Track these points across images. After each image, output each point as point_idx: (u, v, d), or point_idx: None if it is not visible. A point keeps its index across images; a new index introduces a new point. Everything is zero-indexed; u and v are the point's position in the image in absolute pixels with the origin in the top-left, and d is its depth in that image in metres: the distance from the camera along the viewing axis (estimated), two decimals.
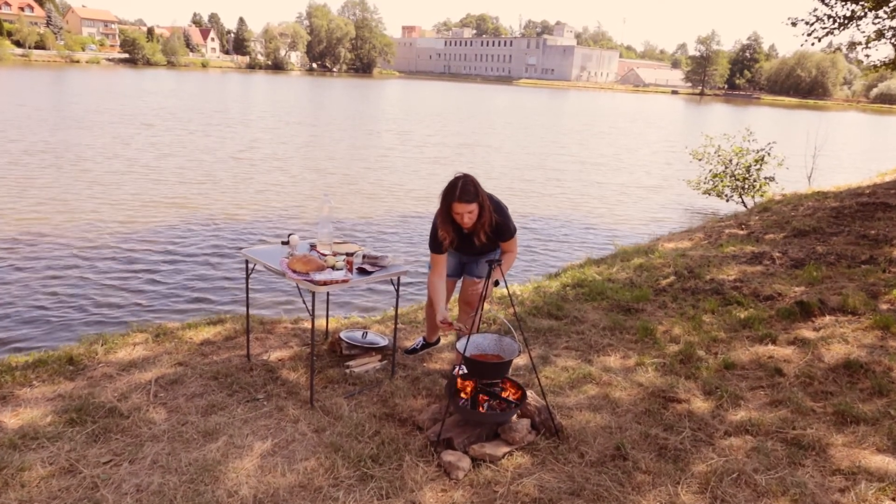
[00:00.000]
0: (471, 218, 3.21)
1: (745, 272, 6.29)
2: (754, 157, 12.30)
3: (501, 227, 3.37)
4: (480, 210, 3.23)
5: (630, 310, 5.27)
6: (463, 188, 3.16)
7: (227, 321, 4.64)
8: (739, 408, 3.50)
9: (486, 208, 3.24)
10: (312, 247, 3.83)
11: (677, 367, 4.06)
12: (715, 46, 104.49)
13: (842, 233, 7.88)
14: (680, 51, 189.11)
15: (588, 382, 3.86)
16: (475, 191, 3.18)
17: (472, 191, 3.17)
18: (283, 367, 3.86)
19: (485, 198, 3.25)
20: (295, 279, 3.26)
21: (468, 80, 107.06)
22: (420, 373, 3.92)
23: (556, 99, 59.85)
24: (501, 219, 3.36)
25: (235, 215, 9.68)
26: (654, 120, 38.82)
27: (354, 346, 4.02)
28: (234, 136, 18.91)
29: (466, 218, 3.20)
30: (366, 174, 13.93)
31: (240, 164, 14.20)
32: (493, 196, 3.38)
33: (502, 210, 3.40)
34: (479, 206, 3.21)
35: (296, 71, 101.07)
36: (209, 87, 43.71)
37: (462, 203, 3.16)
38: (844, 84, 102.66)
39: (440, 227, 3.32)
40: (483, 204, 3.22)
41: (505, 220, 3.39)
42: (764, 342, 4.39)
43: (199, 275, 6.87)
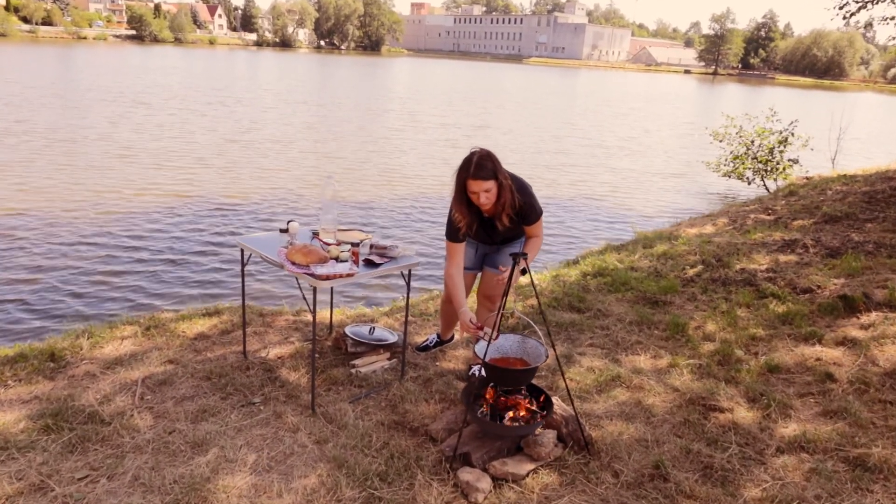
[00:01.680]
0: (488, 198, 2.84)
1: (777, 261, 5.89)
2: (777, 137, 11.79)
3: (526, 208, 2.97)
4: (500, 189, 2.85)
5: (657, 302, 4.90)
6: (478, 164, 2.79)
7: (224, 313, 4.30)
8: (790, 419, 3.13)
9: (505, 187, 2.86)
10: (314, 234, 3.47)
11: (715, 369, 3.69)
12: (730, 25, 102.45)
13: (876, 219, 7.44)
14: (693, 29, 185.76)
15: (617, 386, 3.50)
16: (493, 167, 2.81)
17: (488, 167, 2.80)
18: (282, 367, 3.53)
19: (504, 175, 2.86)
20: (294, 272, 2.91)
21: (477, 59, 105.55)
22: (433, 373, 3.58)
23: (567, 78, 58.81)
24: (525, 199, 2.98)
25: (233, 200, 9.21)
26: (669, 100, 37.99)
27: (361, 342, 3.68)
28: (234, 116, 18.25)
29: (483, 198, 2.84)
30: (373, 157, 13.33)
31: (239, 146, 13.60)
32: (514, 175, 2.99)
33: (526, 189, 3.00)
34: (498, 184, 2.83)
35: (304, 48, 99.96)
36: (215, 65, 43.09)
37: (477, 180, 2.79)
38: (861, 64, 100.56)
39: (455, 210, 2.95)
40: (502, 182, 2.84)
41: (530, 201, 2.99)
42: (809, 341, 4.01)
43: (196, 262, 6.50)
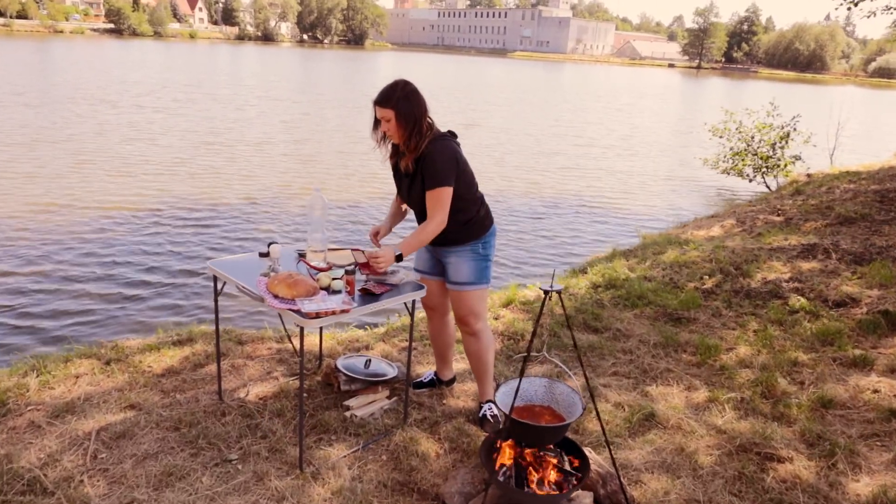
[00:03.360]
0: (388, 129, 2.65)
1: (799, 269, 5.48)
2: (778, 133, 11.42)
3: (429, 162, 2.64)
4: (399, 122, 2.61)
5: (679, 319, 4.45)
6: (384, 90, 2.63)
7: (198, 340, 3.77)
8: (860, 470, 2.69)
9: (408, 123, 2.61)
10: (300, 257, 2.96)
11: (759, 403, 3.25)
12: (713, 19, 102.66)
13: (893, 221, 7.07)
14: (676, 23, 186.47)
15: (653, 427, 3.04)
16: (395, 96, 2.60)
17: (389, 95, 2.61)
18: (264, 410, 3.02)
19: (413, 113, 2.61)
20: (277, 308, 2.40)
21: (462, 53, 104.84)
22: (440, 415, 3.09)
23: (553, 72, 58.40)
24: (433, 154, 2.64)
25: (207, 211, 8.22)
26: (659, 95, 37.74)
27: (356, 379, 3.18)
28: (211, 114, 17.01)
29: (384, 126, 2.66)
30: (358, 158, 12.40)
31: (215, 148, 12.42)
32: (445, 135, 2.73)
33: (443, 149, 2.66)
34: (397, 115, 2.60)
35: (286, 42, 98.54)
36: (194, 60, 42.01)
37: (377, 106, 2.63)
38: (842, 58, 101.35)
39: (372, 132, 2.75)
40: (402, 114, 2.60)
41: (434, 158, 2.64)
42: (859, 368, 3.59)
43: (166, 280, 5.81)
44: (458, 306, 2.91)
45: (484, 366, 3.04)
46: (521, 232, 8.16)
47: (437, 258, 2.98)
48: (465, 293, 2.86)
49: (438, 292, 3.03)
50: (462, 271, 2.84)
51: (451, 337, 3.24)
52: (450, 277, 2.89)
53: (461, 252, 2.85)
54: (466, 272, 2.84)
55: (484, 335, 2.97)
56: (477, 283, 2.87)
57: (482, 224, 2.87)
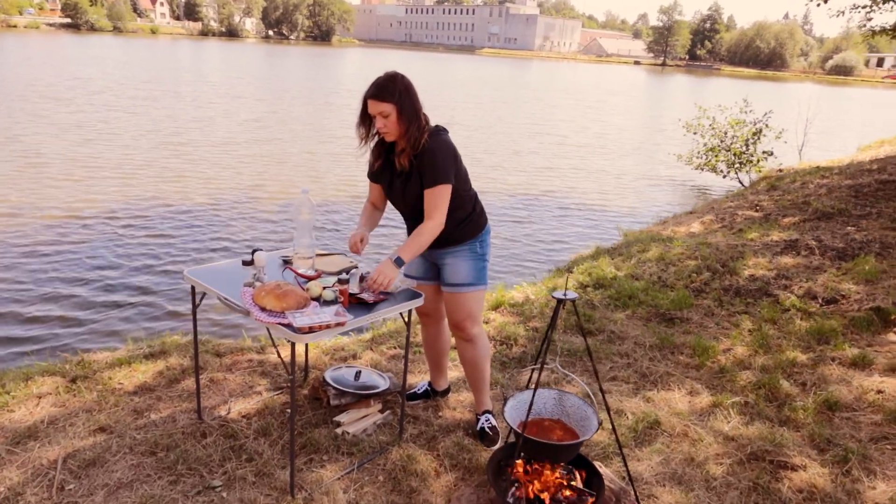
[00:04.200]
0: (386, 126, 2.44)
1: (785, 266, 5.45)
2: (751, 129, 11.52)
3: (429, 158, 2.47)
4: (400, 117, 2.42)
5: (672, 319, 4.36)
6: (379, 83, 2.43)
7: (172, 352, 3.52)
8: (875, 476, 2.61)
9: (409, 117, 2.43)
10: (286, 263, 2.75)
11: (764, 407, 3.15)
12: (677, 17, 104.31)
13: (870, 215, 7.13)
14: (641, 21, 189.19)
15: (659, 435, 2.92)
16: (395, 88, 2.42)
17: (389, 87, 2.42)
18: (248, 429, 2.80)
19: (414, 107, 2.45)
20: (265, 322, 2.20)
21: (430, 49, 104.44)
22: (437, 428, 2.92)
23: (521, 69, 58.55)
24: (434, 149, 2.47)
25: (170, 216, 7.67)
26: (626, 92, 38.09)
27: (346, 392, 2.98)
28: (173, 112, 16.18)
29: (380, 123, 2.45)
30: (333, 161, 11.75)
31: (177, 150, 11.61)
32: (442, 132, 2.55)
33: (443, 145, 2.50)
34: (398, 109, 2.42)
35: (251, 38, 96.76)
36: (155, 55, 40.85)
37: (374, 100, 2.42)
38: (801, 56, 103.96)
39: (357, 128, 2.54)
40: (405, 110, 2.42)
41: (435, 154, 2.47)
42: (860, 368, 3.53)
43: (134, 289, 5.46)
44: (455, 310, 2.74)
45: (480, 374, 2.88)
46: (502, 232, 8.02)
47: (430, 261, 2.80)
48: (463, 295, 2.69)
49: (433, 298, 2.86)
50: (460, 272, 2.68)
51: (447, 344, 3.07)
52: (446, 279, 2.72)
53: (458, 252, 2.69)
54: (465, 273, 2.68)
55: (480, 341, 2.81)
56: (475, 285, 2.71)
57: (478, 222, 2.71)
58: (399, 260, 2.46)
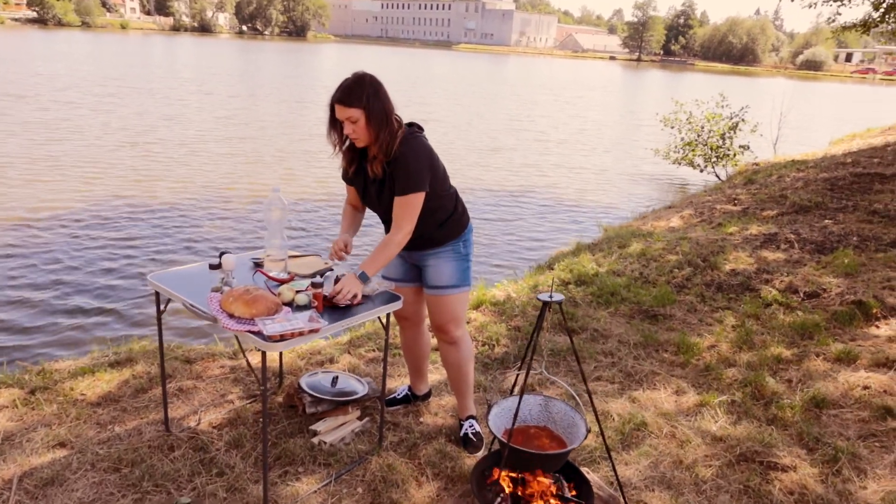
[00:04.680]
0: (354, 132, 2.30)
1: (765, 260, 5.44)
2: (727, 123, 11.59)
3: (401, 165, 2.34)
4: (369, 122, 2.28)
5: (656, 316, 4.30)
6: (345, 86, 2.28)
7: (139, 360, 3.36)
8: (865, 475, 2.56)
9: (378, 122, 2.29)
10: (256, 266, 2.61)
11: (751, 406, 3.10)
12: (651, 12, 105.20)
13: (846, 208, 7.18)
14: (616, 17, 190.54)
15: (646, 437, 2.85)
16: (362, 92, 2.26)
17: (356, 91, 2.26)
18: (219, 441, 2.66)
19: (384, 111, 2.30)
20: (234, 330, 2.06)
21: (406, 45, 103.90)
22: (418, 435, 2.80)
23: (498, 65, 58.51)
24: (407, 154, 2.34)
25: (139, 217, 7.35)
26: (604, 87, 38.26)
27: (322, 399, 2.85)
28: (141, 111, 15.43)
29: (348, 128, 2.31)
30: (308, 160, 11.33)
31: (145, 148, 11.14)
32: (416, 134, 2.41)
33: (415, 149, 2.36)
34: (367, 114, 2.27)
35: (224, 34, 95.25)
36: (125, 51, 39.94)
37: (340, 105, 2.27)
38: (772, 51, 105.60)
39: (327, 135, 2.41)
40: (374, 114, 2.28)
41: (408, 160, 2.34)
42: (845, 363, 3.50)
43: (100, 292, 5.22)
44: (438, 313, 2.63)
45: (464, 377, 2.77)
46: (481, 229, 7.92)
47: (410, 263, 2.69)
48: (447, 298, 2.59)
49: (413, 300, 2.75)
50: (443, 274, 2.57)
51: (427, 348, 2.96)
52: (429, 282, 2.61)
53: (441, 253, 2.58)
54: (448, 274, 2.57)
55: (464, 343, 2.71)
56: (459, 286, 2.60)
57: (460, 221, 2.60)
58: (363, 275, 2.36)
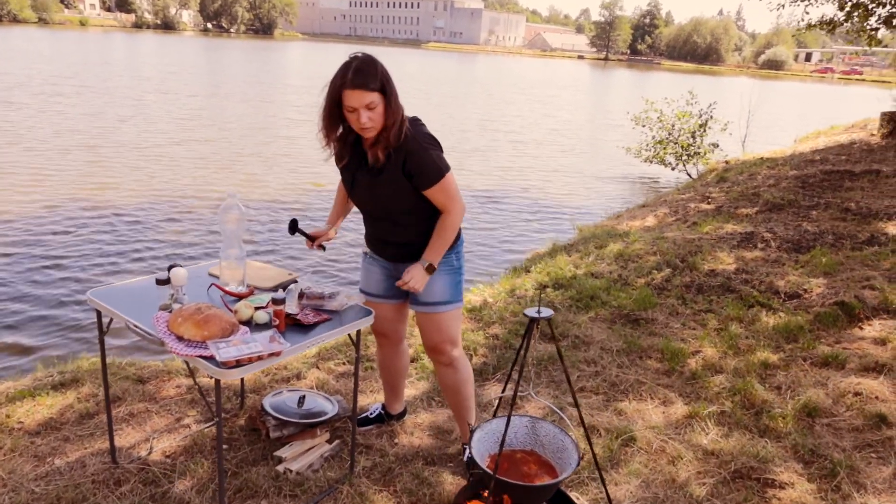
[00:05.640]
0: (372, 119, 2.04)
1: (744, 259, 5.36)
2: (697, 121, 11.62)
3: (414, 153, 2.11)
4: (389, 109, 2.05)
5: (637, 321, 4.16)
6: (358, 68, 2.01)
7: (84, 382, 3.07)
8: (865, 490, 2.44)
9: (395, 106, 2.06)
10: (212, 278, 2.37)
11: (741, 416, 2.96)
12: (618, 12, 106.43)
13: (818, 206, 7.18)
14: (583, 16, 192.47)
15: (635, 453, 2.68)
16: (377, 73, 2.03)
17: (372, 72, 2.01)
18: (172, 473, 2.41)
19: (395, 93, 2.08)
20: (183, 354, 1.82)
21: (375, 44, 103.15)
22: (392, 459, 2.59)
23: (469, 63, 58.43)
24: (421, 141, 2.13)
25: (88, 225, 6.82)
26: (575, 86, 38.44)
27: (288, 422, 2.62)
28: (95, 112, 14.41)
29: (365, 117, 2.02)
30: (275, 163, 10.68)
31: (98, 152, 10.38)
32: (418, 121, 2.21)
33: (427, 133, 2.19)
34: (388, 97, 2.05)
35: (188, 31, 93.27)
36: (84, 48, 38.65)
37: (359, 90, 1.99)
38: (735, 50, 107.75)
39: (322, 129, 2.15)
40: (392, 97, 2.06)
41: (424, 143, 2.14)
42: (833, 368, 3.39)
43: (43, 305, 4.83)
44: (432, 332, 2.39)
45: (464, 401, 2.54)
46: None
47: (395, 277, 2.43)
48: (440, 315, 2.35)
49: (393, 317, 2.52)
50: (435, 289, 2.32)
51: (406, 366, 2.74)
52: (419, 298, 2.35)
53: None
54: (440, 290, 2.33)
55: (461, 364, 2.48)
56: (453, 302, 2.37)
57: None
58: (430, 266, 2.20)
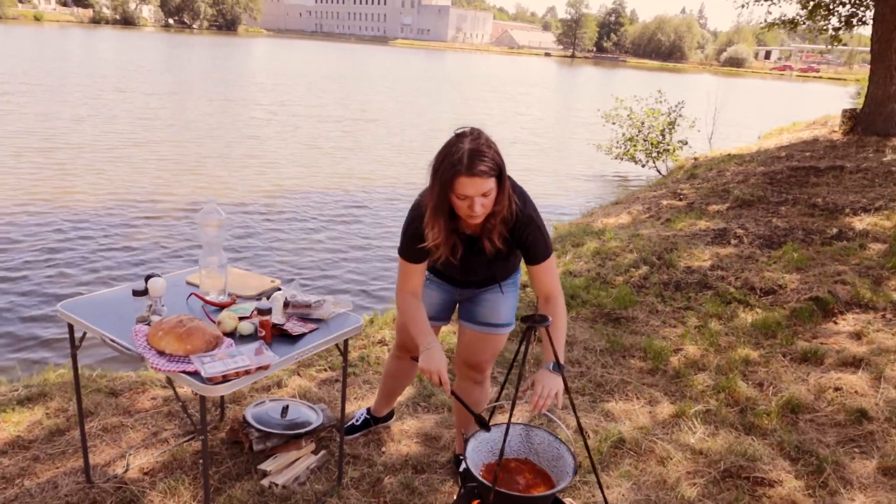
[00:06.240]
0: (485, 206, 1.81)
1: (718, 256, 5.43)
2: (666, 119, 11.77)
3: (528, 227, 1.94)
4: (502, 192, 1.83)
5: (619, 319, 4.17)
6: (475, 152, 1.75)
7: (54, 396, 2.93)
8: (852, 487, 2.47)
9: (506, 188, 1.85)
10: (191, 286, 2.27)
11: (727, 414, 2.98)
12: (584, 10, 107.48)
13: (787, 202, 7.33)
14: (549, 14, 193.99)
15: (625, 455, 2.67)
16: (494, 157, 1.79)
17: (488, 156, 1.76)
18: (152, 490, 2.31)
19: (505, 172, 1.85)
20: (166, 370, 1.73)
21: (342, 40, 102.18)
22: (381, 468, 2.53)
23: (437, 61, 58.31)
24: (529, 216, 1.96)
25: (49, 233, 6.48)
26: (544, 84, 38.67)
27: (272, 433, 2.54)
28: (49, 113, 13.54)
29: (479, 205, 1.79)
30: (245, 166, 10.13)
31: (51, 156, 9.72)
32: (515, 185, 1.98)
33: (529, 202, 1.99)
34: (500, 184, 1.82)
35: (149, 27, 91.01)
36: (40, 45, 37.37)
37: (474, 177, 1.74)
38: (698, 48, 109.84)
39: (430, 223, 1.88)
40: (504, 179, 1.84)
41: (534, 216, 1.97)
42: (813, 364, 3.44)
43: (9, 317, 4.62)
44: (484, 350, 2.29)
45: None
46: None
47: (454, 299, 2.30)
48: (500, 336, 2.27)
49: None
50: (501, 310, 2.23)
51: (413, 378, 2.69)
52: (481, 318, 2.23)
53: (503, 286, 2.23)
54: (507, 311, 2.23)
55: (488, 381, 2.44)
56: (511, 324, 2.29)
57: None
58: (558, 366, 1.95)
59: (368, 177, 10.22)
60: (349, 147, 12.70)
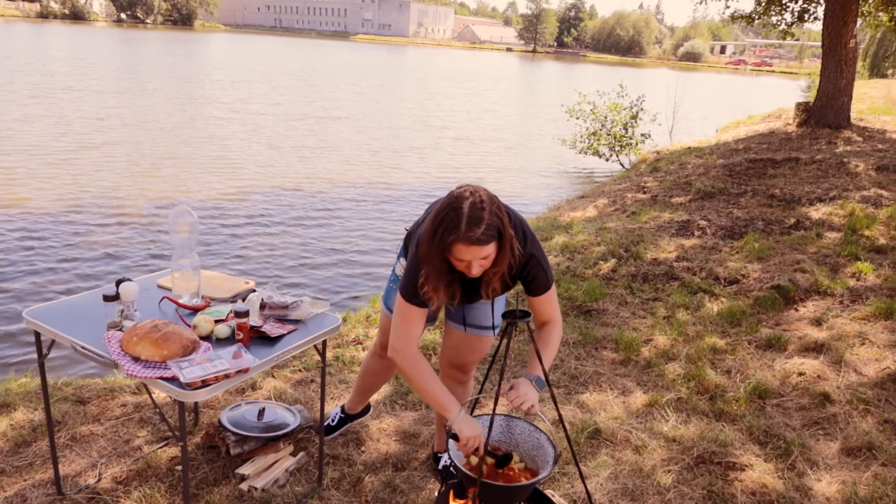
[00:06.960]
0: (482, 266, 1.79)
1: (683, 247, 5.56)
2: (628, 113, 11.97)
3: (528, 264, 1.93)
4: (500, 252, 1.78)
5: (590, 312, 4.24)
6: (473, 217, 1.69)
7: (17, 406, 2.83)
8: (818, 467, 2.56)
9: (507, 245, 1.78)
10: (162, 289, 2.22)
11: (697, 401, 3.06)
12: (544, 5, 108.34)
13: (746, 193, 7.53)
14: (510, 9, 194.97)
15: (601, 445, 2.72)
16: (494, 221, 1.73)
17: (487, 221, 1.70)
18: (126, 499, 2.25)
19: (508, 227, 1.78)
20: (142, 377, 1.69)
21: (302, 35, 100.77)
22: (361, 467, 2.52)
23: (399, 56, 58.02)
24: (530, 254, 1.93)
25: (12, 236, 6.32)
26: (508, 79, 38.83)
27: (248, 437, 2.50)
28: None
29: (476, 267, 1.77)
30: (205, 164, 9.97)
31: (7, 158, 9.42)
32: (510, 209, 1.90)
33: (530, 237, 1.95)
34: (499, 244, 1.77)
35: (100, 21, 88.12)
36: None
37: (472, 246, 1.71)
38: (656, 43, 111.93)
39: (430, 284, 1.83)
40: (505, 241, 1.77)
41: (537, 253, 1.95)
42: (777, 350, 3.56)
43: None
44: (472, 352, 2.31)
45: None
46: (396, 230, 7.65)
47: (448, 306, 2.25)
48: (487, 339, 2.29)
49: None
50: (490, 313, 2.25)
51: (391, 376, 2.68)
52: (472, 320, 2.24)
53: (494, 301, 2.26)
54: (497, 314, 2.26)
55: (471, 382, 2.46)
56: (500, 325, 2.30)
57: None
58: (539, 380, 1.93)
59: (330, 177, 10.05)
60: (313, 146, 12.55)
